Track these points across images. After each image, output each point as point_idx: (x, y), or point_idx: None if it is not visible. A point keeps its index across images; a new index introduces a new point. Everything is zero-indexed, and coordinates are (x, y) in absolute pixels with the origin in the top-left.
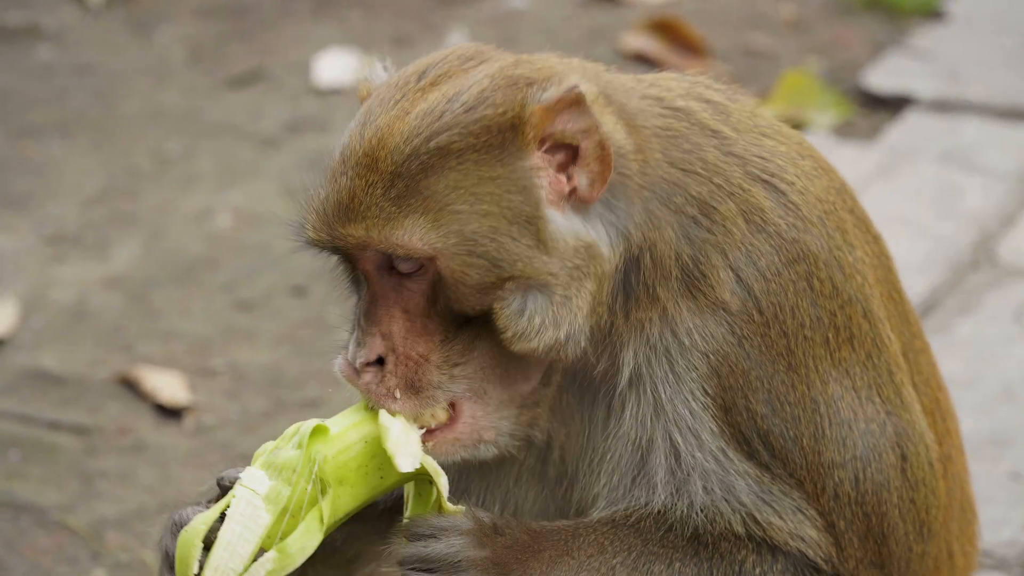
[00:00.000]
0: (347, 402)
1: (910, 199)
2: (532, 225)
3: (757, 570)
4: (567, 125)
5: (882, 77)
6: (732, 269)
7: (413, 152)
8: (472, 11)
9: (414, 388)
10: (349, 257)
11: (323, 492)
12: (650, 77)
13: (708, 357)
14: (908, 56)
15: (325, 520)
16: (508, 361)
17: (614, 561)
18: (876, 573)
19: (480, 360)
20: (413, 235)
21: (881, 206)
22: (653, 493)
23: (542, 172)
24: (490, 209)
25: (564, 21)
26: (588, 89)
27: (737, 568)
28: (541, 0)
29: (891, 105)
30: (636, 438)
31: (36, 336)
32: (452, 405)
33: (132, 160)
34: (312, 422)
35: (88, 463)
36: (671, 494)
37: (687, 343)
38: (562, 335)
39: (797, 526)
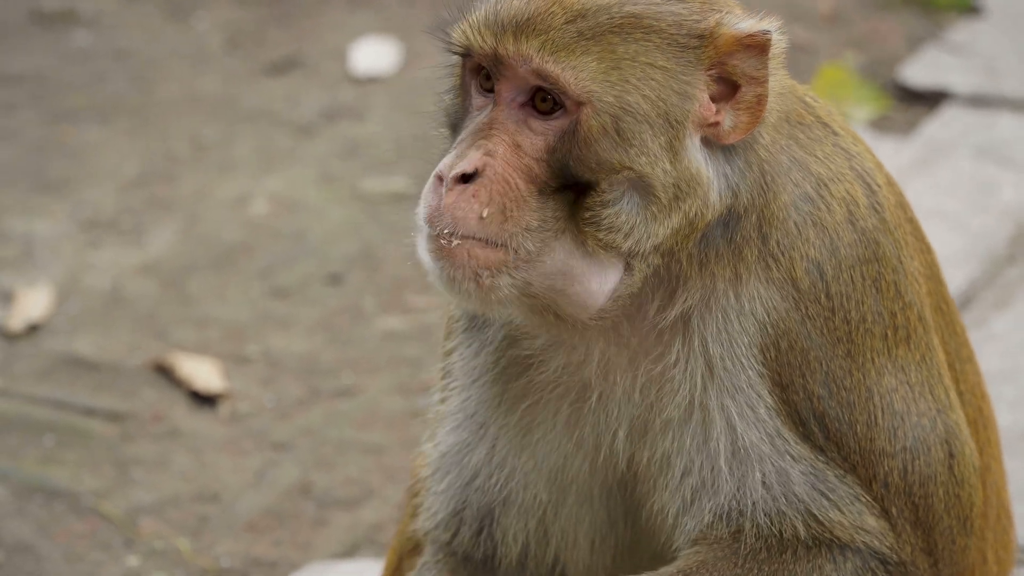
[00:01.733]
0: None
1: (946, 193)
2: (673, 130)
3: (834, 575)
4: (743, 64)
5: (919, 71)
6: (815, 249)
7: (607, 5)
8: None
9: (503, 214)
10: (491, 73)
11: None
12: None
13: (766, 328)
14: (945, 51)
15: None
16: (574, 253)
17: None
18: (927, 560)
19: (560, 233)
20: (581, 74)
21: (918, 200)
22: (718, 479)
23: (702, 92)
24: (651, 94)
25: None
26: (779, 39)
27: (817, 569)
28: None
29: (928, 99)
30: (689, 396)
31: (71, 322)
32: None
33: (169, 146)
34: None
35: (123, 449)
36: (736, 487)
37: (747, 308)
38: (626, 247)
39: (857, 516)
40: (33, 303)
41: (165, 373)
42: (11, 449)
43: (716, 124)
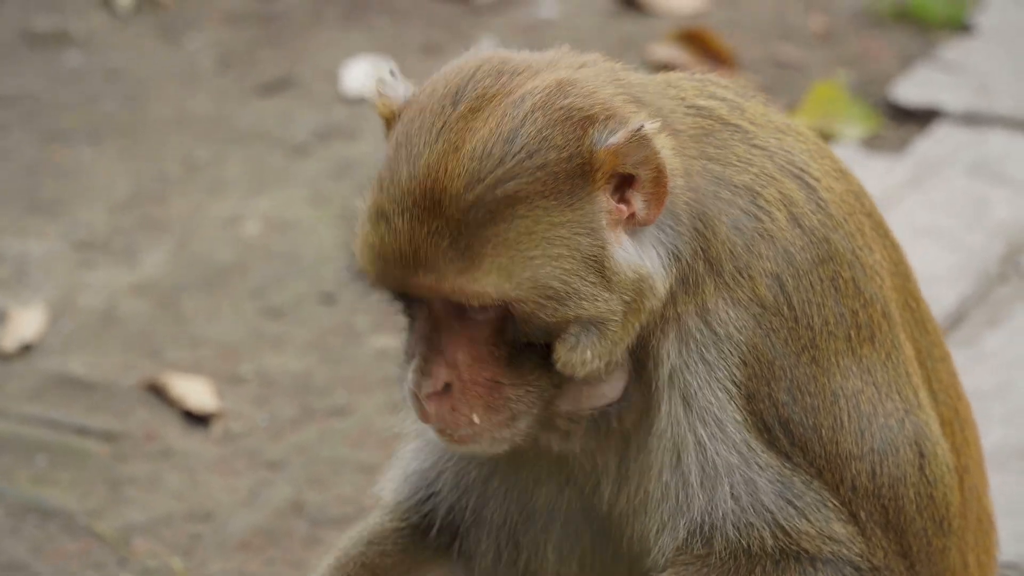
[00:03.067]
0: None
1: (939, 211)
2: (598, 263)
3: None
4: (631, 160)
5: (911, 90)
6: (771, 263)
7: (478, 200)
8: (502, 20)
9: (493, 408)
10: (412, 298)
11: None
12: (661, 77)
13: (739, 347)
14: (937, 69)
15: None
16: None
17: None
18: (903, 563)
19: (537, 374)
20: (487, 286)
21: (910, 218)
22: (690, 496)
23: (605, 205)
24: (561, 252)
25: (593, 31)
26: (651, 127)
27: None
28: (570, 9)
29: (920, 118)
30: (672, 435)
31: (64, 341)
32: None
33: (161, 166)
34: None
35: (115, 469)
36: (707, 501)
37: (721, 333)
38: (603, 365)
39: (824, 524)
40: (26, 323)
41: (158, 393)
42: (4, 469)
43: (632, 215)
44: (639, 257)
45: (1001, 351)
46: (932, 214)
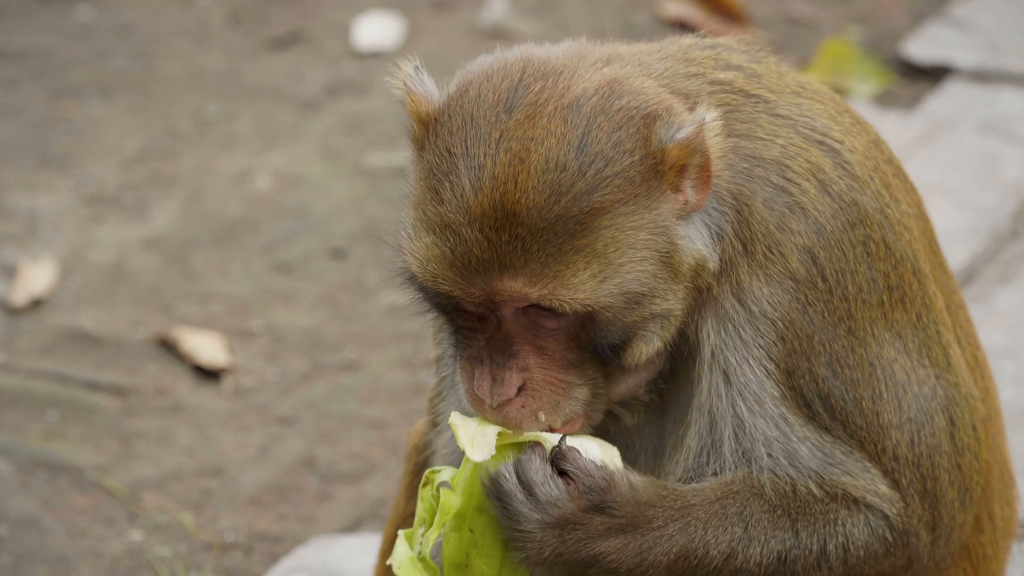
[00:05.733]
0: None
1: (950, 169)
2: (669, 257)
3: (848, 522)
4: (693, 157)
5: (922, 47)
6: (802, 237)
7: (565, 212)
8: None
9: (557, 407)
10: (480, 305)
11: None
12: (673, 49)
13: (775, 324)
14: (948, 26)
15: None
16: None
17: (730, 511)
18: (929, 535)
19: (601, 368)
20: (581, 292)
21: (921, 176)
22: (723, 463)
23: (671, 204)
24: (644, 255)
25: None
26: (713, 119)
27: (831, 521)
28: None
29: (931, 75)
30: (710, 407)
31: (74, 296)
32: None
33: (172, 121)
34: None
35: (126, 424)
36: (739, 463)
37: (756, 311)
38: (663, 346)
39: (870, 482)
40: (37, 278)
41: (168, 348)
42: (15, 424)
43: (685, 203)
44: (695, 241)
45: (1012, 310)
46: (943, 172)
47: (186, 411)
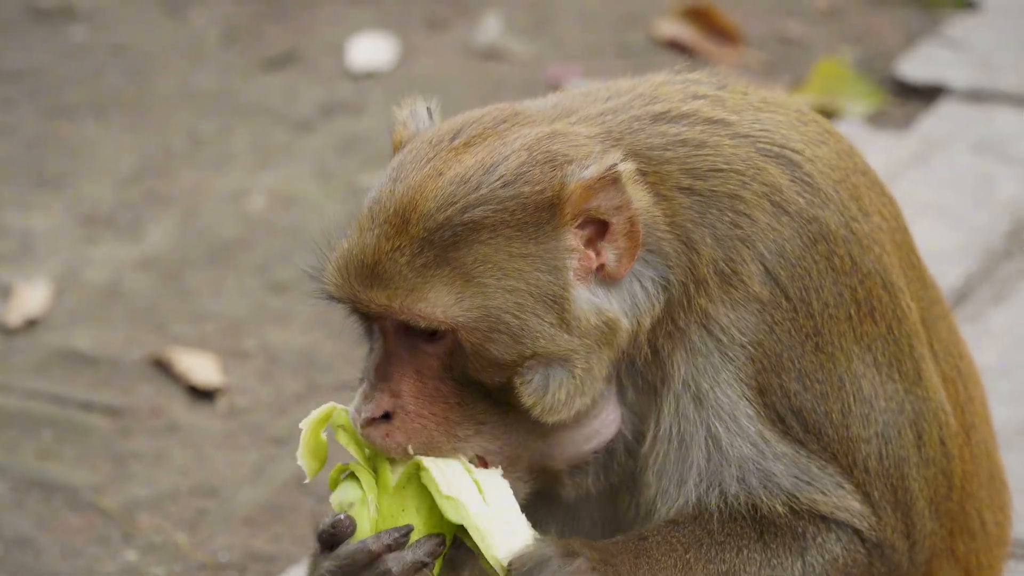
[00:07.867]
0: None
1: (944, 188)
2: (557, 304)
3: (818, 539)
4: (602, 202)
5: (916, 66)
6: (759, 260)
7: (446, 221)
8: None
9: (429, 446)
10: (366, 314)
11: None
12: (648, 89)
13: (745, 348)
14: (941, 45)
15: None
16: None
17: (687, 556)
18: (905, 542)
19: (507, 421)
20: (436, 307)
21: (915, 195)
22: (694, 487)
23: (574, 248)
24: (517, 285)
25: (599, 6)
26: (625, 167)
27: (799, 536)
28: None
29: (925, 94)
30: (680, 432)
31: (69, 316)
32: (479, 458)
33: (166, 141)
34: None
35: (120, 444)
36: (707, 487)
37: (724, 339)
38: (588, 400)
39: (840, 499)
40: (31, 298)
41: (163, 368)
42: (9, 443)
43: (602, 265)
44: (607, 301)
45: (1007, 329)
46: (937, 191)
47: (181, 431)
